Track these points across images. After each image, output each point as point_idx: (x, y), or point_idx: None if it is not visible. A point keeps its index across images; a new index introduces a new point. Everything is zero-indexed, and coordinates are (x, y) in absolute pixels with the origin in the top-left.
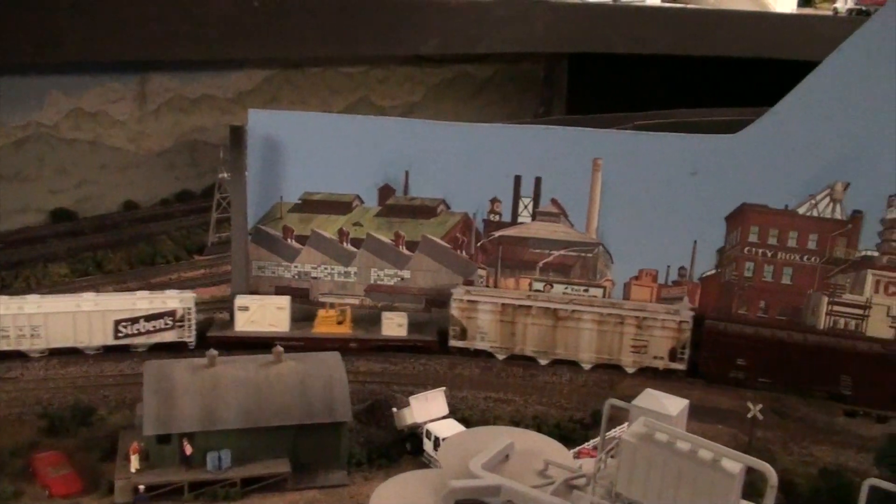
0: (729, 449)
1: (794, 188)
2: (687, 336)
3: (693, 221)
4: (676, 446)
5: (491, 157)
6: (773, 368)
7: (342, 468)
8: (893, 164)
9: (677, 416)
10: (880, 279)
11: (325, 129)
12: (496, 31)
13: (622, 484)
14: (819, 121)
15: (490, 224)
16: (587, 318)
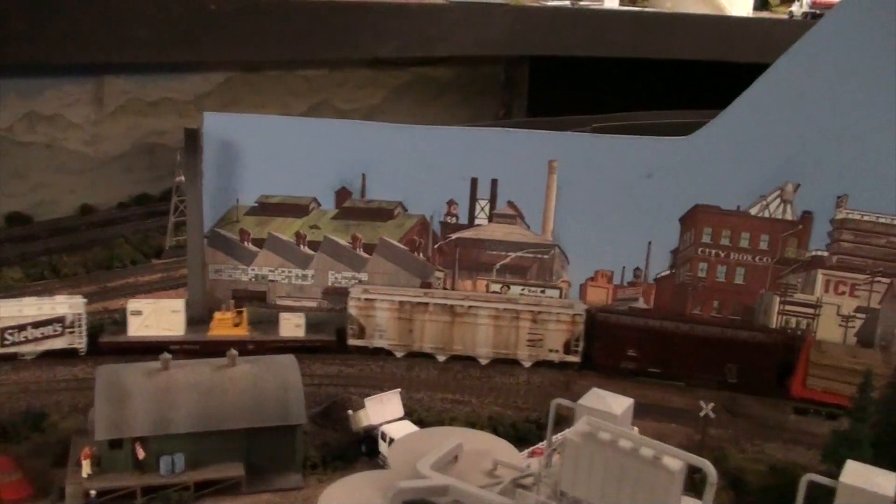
0: (670, 447)
1: (745, 189)
2: (581, 329)
3: (648, 223)
4: (619, 444)
5: (447, 160)
6: (663, 358)
7: (297, 471)
8: (842, 166)
9: (622, 414)
10: (830, 279)
11: (282, 131)
12: (454, 34)
13: (566, 482)
14: (769, 123)
15: (447, 226)
16: (484, 313)
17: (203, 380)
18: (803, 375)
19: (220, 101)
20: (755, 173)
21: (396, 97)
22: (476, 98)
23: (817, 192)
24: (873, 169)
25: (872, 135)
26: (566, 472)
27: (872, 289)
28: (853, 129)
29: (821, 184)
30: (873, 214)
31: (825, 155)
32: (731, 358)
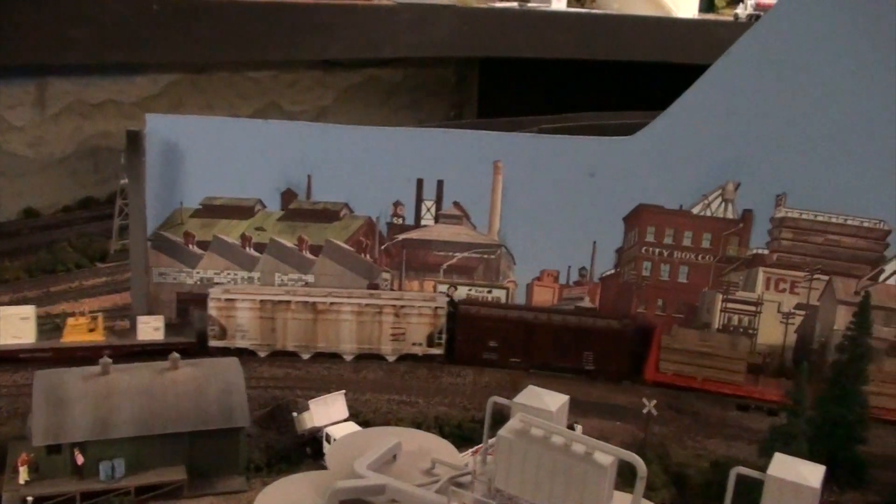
0: (601, 442)
1: (688, 189)
2: (443, 322)
3: (592, 222)
4: (551, 441)
5: (393, 161)
6: (523, 348)
7: (241, 474)
8: (781, 165)
9: (557, 411)
10: (771, 276)
11: (226, 133)
12: (402, 35)
13: (500, 479)
14: (710, 123)
15: (393, 227)
16: (346, 309)
17: (144, 384)
18: (656, 360)
19: (167, 103)
20: (697, 173)
21: (346, 99)
22: (426, 100)
23: (757, 191)
24: (811, 168)
25: (810, 134)
26: (500, 468)
27: (812, 286)
28: (791, 129)
29: (760, 183)
30: (811, 213)
31: (764, 154)
32: (588, 346)
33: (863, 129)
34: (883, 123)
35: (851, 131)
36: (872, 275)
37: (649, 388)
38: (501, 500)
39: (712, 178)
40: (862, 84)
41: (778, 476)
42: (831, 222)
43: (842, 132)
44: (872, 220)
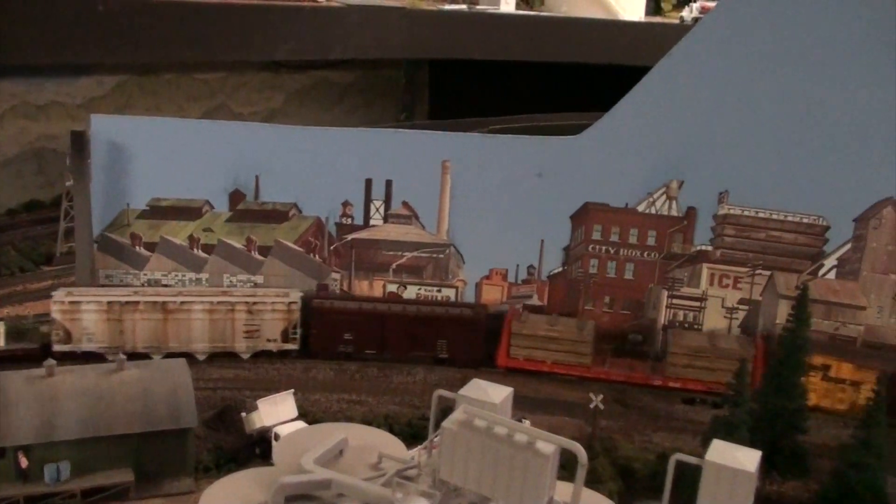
0: (544, 432)
1: (633, 187)
2: (297, 317)
3: (540, 221)
4: (494, 431)
5: (342, 161)
6: (378, 340)
7: (189, 475)
8: (723, 163)
9: (501, 403)
10: (714, 272)
11: (172, 133)
12: (351, 36)
13: (445, 470)
14: (654, 122)
15: (343, 227)
16: (198, 308)
17: (89, 385)
18: (507, 346)
19: (114, 104)
20: (642, 171)
21: (296, 101)
22: (377, 101)
23: (701, 189)
24: (752, 166)
25: (751, 133)
26: (444, 460)
27: (754, 281)
28: (733, 128)
29: (704, 180)
30: (753, 209)
31: (707, 153)
32: (441, 334)
33: (801, 127)
34: (821, 121)
35: (790, 129)
36: (812, 270)
37: (501, 373)
38: (446, 491)
39: (657, 177)
40: (800, 83)
41: (715, 462)
42: (772, 219)
43: (781, 130)
44: (811, 217)
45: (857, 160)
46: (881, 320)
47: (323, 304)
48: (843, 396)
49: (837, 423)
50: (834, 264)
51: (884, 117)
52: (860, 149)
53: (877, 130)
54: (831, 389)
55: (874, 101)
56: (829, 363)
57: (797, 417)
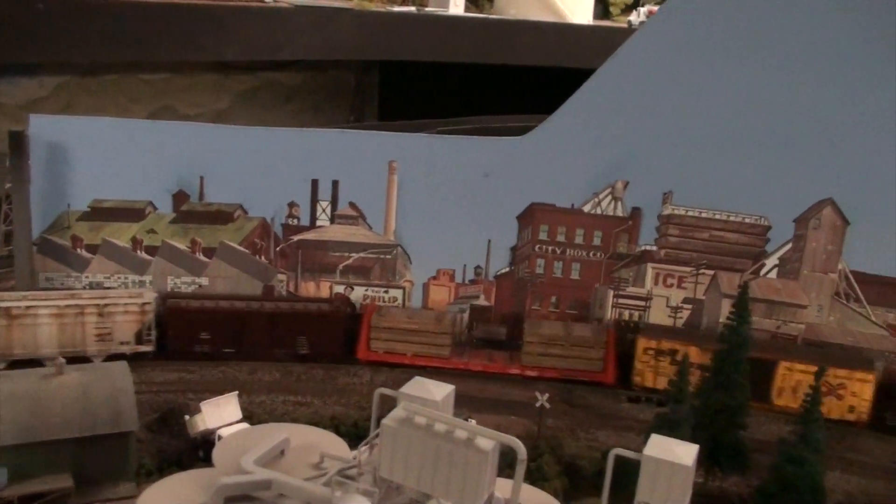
0: (484, 428)
1: (579, 187)
2: (151, 318)
3: (487, 222)
4: (434, 428)
5: (288, 162)
6: (235, 338)
7: (130, 479)
8: (667, 164)
9: (442, 400)
10: (659, 272)
11: (114, 134)
12: (300, 37)
13: (385, 468)
14: (599, 123)
15: (289, 228)
16: (44, 312)
17: (28, 390)
18: (367, 339)
19: (56, 105)
20: (587, 172)
21: (244, 102)
22: (326, 103)
23: (645, 189)
24: (696, 166)
25: (694, 134)
26: (384, 457)
27: (698, 280)
28: (677, 129)
29: (648, 181)
30: (696, 210)
31: (652, 153)
32: (301, 331)
33: (743, 128)
34: (762, 123)
35: (733, 131)
36: (754, 269)
37: (363, 366)
38: (387, 489)
39: (602, 177)
40: (742, 86)
41: (653, 456)
42: (715, 219)
43: (724, 132)
44: (753, 217)
45: (797, 161)
46: (821, 318)
47: (178, 304)
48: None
49: (779, 419)
50: (775, 264)
51: (823, 119)
52: (800, 150)
53: (816, 132)
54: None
55: (814, 103)
56: (676, 347)
57: (738, 414)
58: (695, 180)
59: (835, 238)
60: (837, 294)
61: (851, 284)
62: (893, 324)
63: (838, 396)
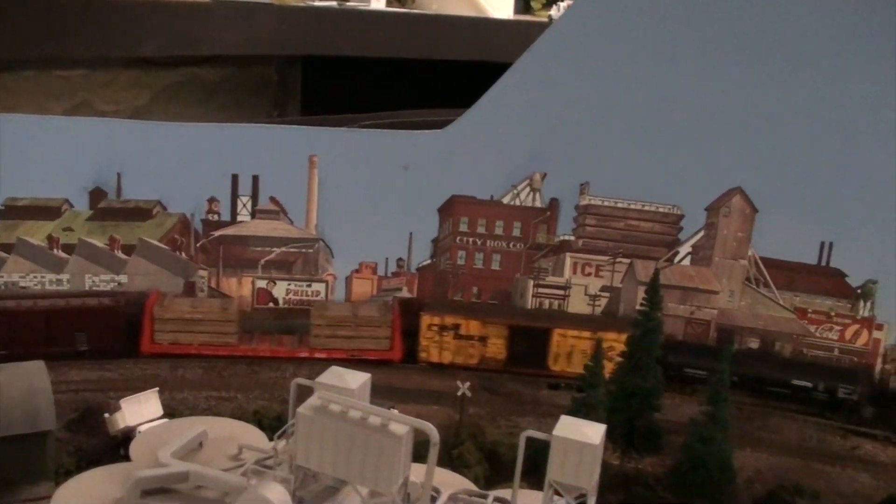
0: (397, 413)
1: (498, 179)
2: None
3: (408, 214)
4: (349, 415)
5: (207, 157)
6: (6, 338)
7: (49, 479)
8: (584, 155)
9: (358, 389)
10: (577, 261)
11: (27, 131)
12: (220, 33)
13: (301, 456)
14: (517, 115)
15: (209, 224)
16: None
17: None
18: (151, 332)
19: None
20: (506, 164)
21: (164, 98)
22: (248, 99)
23: (562, 180)
24: (611, 157)
25: (610, 125)
26: (300, 446)
27: (615, 269)
28: (592, 121)
29: (565, 172)
30: (612, 199)
31: (568, 145)
32: (80, 327)
33: (656, 119)
34: (674, 114)
35: (648, 122)
36: (669, 256)
37: (148, 359)
38: (303, 476)
39: (520, 169)
40: (655, 77)
41: (562, 436)
42: (630, 208)
43: (638, 123)
44: (667, 206)
45: (708, 150)
46: (732, 304)
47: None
48: (472, 352)
49: (692, 401)
50: (688, 251)
51: (732, 108)
52: (711, 139)
53: (726, 121)
54: (463, 346)
55: (722, 94)
56: (459, 322)
57: (652, 396)
58: (611, 171)
59: (744, 225)
60: (748, 279)
61: (761, 270)
62: (800, 307)
63: (608, 358)
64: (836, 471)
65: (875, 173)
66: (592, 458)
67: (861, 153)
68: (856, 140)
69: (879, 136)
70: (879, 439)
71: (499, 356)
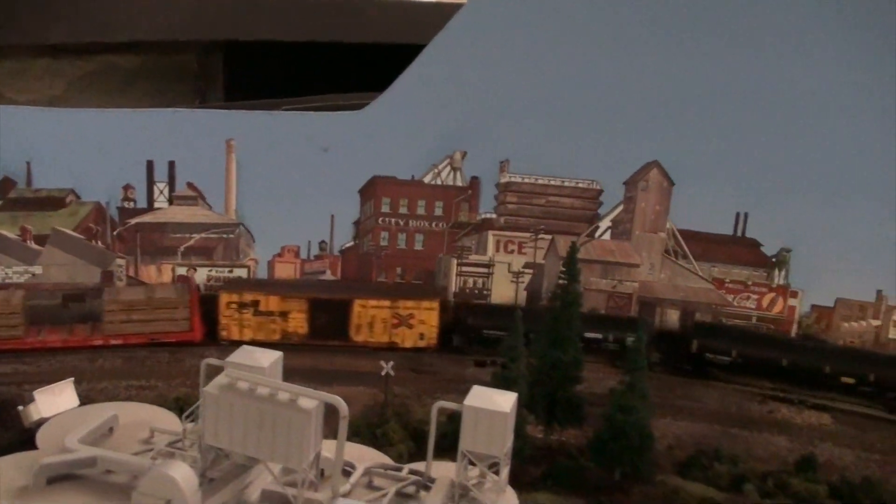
0: (306, 388)
1: (418, 159)
2: None
3: (329, 196)
4: (257, 392)
5: (120, 144)
6: None
7: None
8: (503, 133)
9: (269, 367)
10: (500, 239)
11: None
12: (137, 19)
13: (209, 435)
14: (435, 95)
15: (125, 212)
16: None
17: None
18: None
19: None
20: (426, 144)
21: (80, 87)
22: (169, 87)
23: (483, 159)
24: (530, 135)
25: (528, 103)
26: (208, 424)
27: (537, 245)
28: (511, 99)
29: (485, 150)
30: (532, 177)
31: (487, 123)
32: None
33: (573, 96)
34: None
35: (565, 99)
36: (589, 231)
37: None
38: (214, 456)
39: (440, 149)
40: (572, 54)
41: (473, 405)
42: (550, 185)
43: (557, 100)
44: (586, 182)
45: (625, 127)
46: (653, 276)
47: None
48: (274, 327)
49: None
50: (608, 226)
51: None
52: (627, 115)
53: (642, 97)
54: (263, 322)
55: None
56: (258, 298)
57: (572, 369)
58: (530, 148)
59: (662, 198)
60: (667, 252)
61: (679, 242)
62: (718, 277)
63: (409, 326)
64: (753, 435)
65: (787, 144)
66: (504, 426)
67: (773, 125)
68: (768, 112)
69: (790, 108)
70: (795, 403)
71: (300, 330)
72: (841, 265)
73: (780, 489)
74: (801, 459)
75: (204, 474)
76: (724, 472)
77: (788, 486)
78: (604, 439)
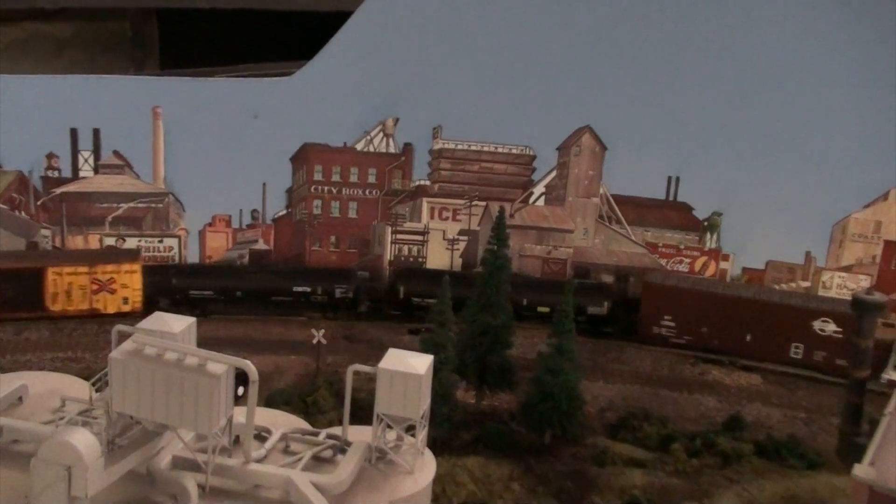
0: (215, 353)
1: (350, 126)
2: None
3: (261, 164)
4: (165, 357)
5: (43, 111)
6: None
7: None
8: (436, 99)
9: (181, 332)
10: (434, 206)
11: None
12: None
13: (117, 402)
14: (365, 61)
15: (49, 181)
16: None
17: None
18: None
19: None
20: (357, 110)
21: (10, 57)
22: (102, 56)
23: (415, 125)
24: (462, 101)
25: (461, 69)
26: (115, 391)
27: (471, 212)
28: (444, 65)
29: (418, 116)
30: (465, 143)
31: (420, 89)
32: None
33: (505, 61)
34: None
35: (496, 63)
36: (523, 197)
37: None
38: (124, 424)
39: (372, 115)
40: (502, 20)
41: (388, 368)
42: (484, 151)
43: (488, 65)
44: (520, 148)
45: (556, 91)
46: (587, 241)
47: None
48: None
49: None
50: (542, 192)
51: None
52: (559, 79)
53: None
54: None
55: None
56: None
57: (502, 333)
58: (463, 114)
59: (595, 164)
60: (601, 217)
61: (612, 207)
62: (651, 241)
63: (111, 291)
64: (683, 396)
65: (717, 108)
66: (419, 389)
67: (702, 89)
68: (697, 76)
69: (720, 72)
70: (725, 364)
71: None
72: (771, 229)
73: (707, 448)
74: (730, 418)
75: (112, 441)
76: (653, 433)
77: (715, 444)
78: (533, 402)
